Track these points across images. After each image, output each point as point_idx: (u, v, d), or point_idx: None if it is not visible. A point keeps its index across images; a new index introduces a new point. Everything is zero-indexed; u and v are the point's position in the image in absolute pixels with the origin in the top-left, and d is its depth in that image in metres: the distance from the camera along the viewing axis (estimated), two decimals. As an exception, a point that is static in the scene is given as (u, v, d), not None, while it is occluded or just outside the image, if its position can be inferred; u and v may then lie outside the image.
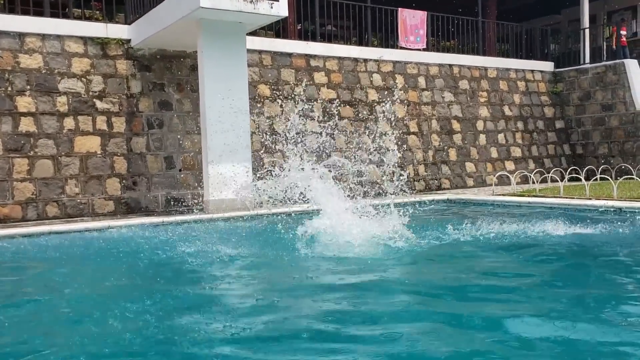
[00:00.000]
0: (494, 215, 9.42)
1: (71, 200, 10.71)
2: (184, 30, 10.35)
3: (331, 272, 5.69)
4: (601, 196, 10.94)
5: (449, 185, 15.30)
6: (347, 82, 14.29)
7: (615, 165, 15.81)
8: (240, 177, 10.40)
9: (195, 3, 9.22)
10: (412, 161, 14.84)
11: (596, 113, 17.38)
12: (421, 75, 15.55)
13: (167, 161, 11.69)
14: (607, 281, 5.08)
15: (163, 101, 11.77)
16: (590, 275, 5.43)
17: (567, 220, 8.05)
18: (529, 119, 17.38)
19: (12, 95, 10.44)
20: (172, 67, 11.91)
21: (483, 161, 16.11)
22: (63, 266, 6.33)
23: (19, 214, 10.27)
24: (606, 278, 5.21)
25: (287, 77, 13.41)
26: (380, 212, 7.54)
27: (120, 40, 11.45)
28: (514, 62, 17.63)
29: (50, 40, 10.88)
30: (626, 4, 21.14)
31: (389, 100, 14.49)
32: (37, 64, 10.71)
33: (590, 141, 17.53)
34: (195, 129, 11.81)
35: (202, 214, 10.07)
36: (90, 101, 11.08)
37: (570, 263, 6.02)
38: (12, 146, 10.34)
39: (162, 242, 7.49)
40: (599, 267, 5.68)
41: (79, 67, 11.07)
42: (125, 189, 11.22)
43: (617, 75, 16.95)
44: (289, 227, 7.89)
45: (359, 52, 14.64)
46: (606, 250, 6.43)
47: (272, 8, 9.70)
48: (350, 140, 13.95)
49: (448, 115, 15.75)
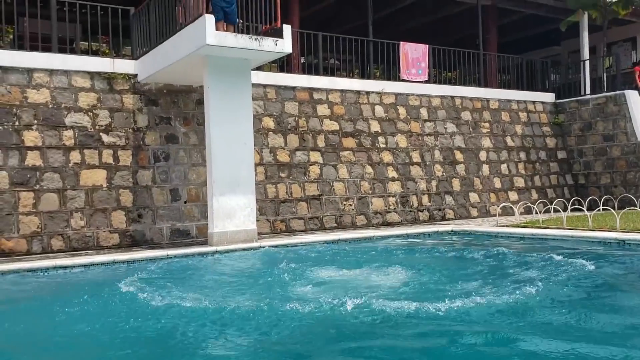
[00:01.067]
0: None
1: (76, 233, 10.77)
2: (191, 65, 10.53)
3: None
4: (604, 227, 10.97)
5: (453, 216, 15.32)
6: (350, 114, 14.44)
7: (617, 195, 15.83)
8: (244, 208, 10.47)
9: (201, 40, 9.39)
10: (415, 191, 14.90)
11: (598, 143, 17.48)
12: (423, 106, 15.71)
13: (172, 193, 11.77)
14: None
15: (169, 134, 11.90)
16: None
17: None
18: (531, 149, 17.48)
19: (20, 129, 10.58)
20: (178, 101, 12.08)
21: (486, 191, 16.17)
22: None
23: (24, 247, 10.32)
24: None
25: (291, 110, 13.57)
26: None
27: (127, 75, 11.63)
28: (516, 93, 17.81)
29: (58, 76, 11.06)
30: (625, 36, 21.41)
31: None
32: (44, 98, 10.88)
33: (593, 171, 17.60)
34: (201, 161, 11.92)
35: (205, 247, 10.10)
36: (96, 135, 11.22)
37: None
38: (18, 180, 10.44)
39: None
40: None
41: (86, 101, 11.23)
42: (131, 221, 11.28)
43: (617, 106, 17.09)
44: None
45: (361, 85, 14.83)
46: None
47: (276, 45, 9.88)
48: (352, 171, 14.04)
49: (451, 146, 15.86)
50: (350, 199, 13.90)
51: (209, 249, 9.83)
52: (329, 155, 13.84)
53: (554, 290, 6.25)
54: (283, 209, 12.98)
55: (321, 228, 13.29)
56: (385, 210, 14.35)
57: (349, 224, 13.72)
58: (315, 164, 13.59)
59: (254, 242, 10.41)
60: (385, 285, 6.84)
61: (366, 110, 14.72)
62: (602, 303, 6.06)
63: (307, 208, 13.28)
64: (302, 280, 7.16)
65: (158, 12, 11.08)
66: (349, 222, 13.75)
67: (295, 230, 12.94)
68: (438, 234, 12.19)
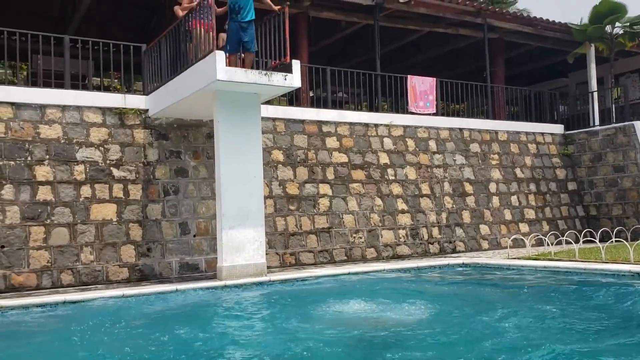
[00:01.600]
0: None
1: (86, 268, 10.76)
2: (201, 100, 10.64)
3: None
4: (617, 260, 10.82)
5: (464, 248, 15.20)
6: (359, 146, 14.49)
7: (630, 226, 15.67)
8: (253, 242, 10.44)
9: (212, 76, 9.52)
10: (425, 224, 14.83)
11: (608, 174, 17.39)
12: (432, 138, 15.74)
13: (181, 227, 11.78)
14: None
15: (179, 168, 11.97)
16: None
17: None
18: (541, 180, 17.41)
19: (31, 164, 10.68)
20: (188, 135, 12.18)
21: (497, 223, 16.06)
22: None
23: (34, 282, 10.31)
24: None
25: (300, 143, 13.63)
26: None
27: (138, 110, 11.77)
28: (524, 125, 17.84)
29: (70, 111, 11.21)
30: (633, 67, 21.48)
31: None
32: (56, 134, 11.01)
33: (604, 202, 17.47)
34: (210, 194, 11.95)
35: (214, 281, 10.04)
36: (107, 169, 11.30)
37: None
38: (29, 215, 10.49)
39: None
40: None
41: (97, 136, 11.35)
42: (140, 255, 11.27)
43: (627, 137, 17.05)
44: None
45: (370, 118, 14.91)
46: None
47: (285, 80, 9.99)
48: (362, 203, 14.02)
49: (460, 178, 15.83)
50: (360, 232, 13.84)
51: (217, 284, 9.77)
52: (338, 188, 13.84)
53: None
54: (292, 242, 12.94)
55: (331, 261, 13.21)
56: (395, 243, 14.26)
57: (359, 257, 13.64)
58: (324, 197, 13.58)
59: (264, 276, 10.34)
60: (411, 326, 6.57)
61: (375, 143, 14.77)
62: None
63: (317, 241, 13.23)
64: (316, 322, 6.96)
65: (169, 49, 11.26)
66: (359, 255, 13.66)
67: (304, 264, 12.87)
68: (449, 266, 12.07)
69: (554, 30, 18.91)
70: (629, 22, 18.48)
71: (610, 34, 18.66)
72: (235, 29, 9.92)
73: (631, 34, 18.57)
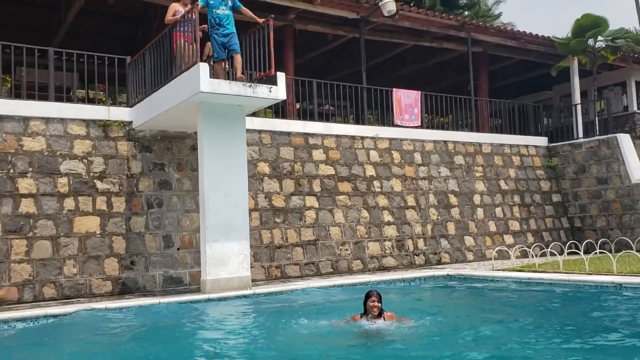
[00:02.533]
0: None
1: (69, 281, 10.65)
2: (185, 112, 10.63)
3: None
4: (601, 271, 10.89)
5: (449, 260, 15.23)
6: (345, 158, 14.52)
7: (614, 238, 15.80)
8: (238, 255, 10.39)
9: (195, 87, 9.52)
10: (411, 235, 14.85)
11: (592, 186, 17.55)
12: (417, 151, 15.82)
13: (165, 240, 11.71)
14: None
15: (163, 181, 11.92)
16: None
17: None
18: (525, 192, 17.53)
19: (14, 177, 10.59)
20: (172, 147, 12.15)
21: (482, 235, 16.12)
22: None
23: (15, 295, 10.18)
24: None
25: (286, 155, 13.64)
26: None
27: (121, 122, 11.73)
28: (508, 137, 17.98)
29: (54, 123, 11.15)
30: (615, 80, 21.78)
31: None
32: (39, 146, 10.93)
33: (588, 214, 17.61)
34: (194, 207, 11.90)
35: (198, 294, 9.97)
36: (90, 182, 11.23)
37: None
38: (11, 227, 10.39)
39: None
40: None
41: (81, 148, 11.29)
42: (123, 268, 11.18)
43: (610, 149, 17.24)
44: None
45: (356, 130, 14.97)
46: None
47: (270, 92, 10.00)
48: (348, 215, 14.03)
49: (445, 190, 15.91)
50: (346, 244, 13.84)
51: (201, 297, 9.71)
52: (325, 200, 13.85)
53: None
54: (278, 255, 12.90)
55: (317, 273, 13.17)
56: (381, 255, 14.27)
57: (345, 269, 13.62)
58: (311, 209, 13.58)
59: (248, 289, 10.29)
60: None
61: (361, 155, 14.82)
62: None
63: (303, 253, 13.21)
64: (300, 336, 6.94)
65: (153, 61, 11.26)
66: (345, 267, 13.65)
67: (290, 277, 12.82)
68: (434, 278, 12.09)
69: (537, 43, 19.16)
70: (611, 35, 18.76)
71: (593, 48, 18.92)
72: (217, 40, 9.98)
73: (613, 47, 18.84)
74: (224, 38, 10.00)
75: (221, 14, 10.00)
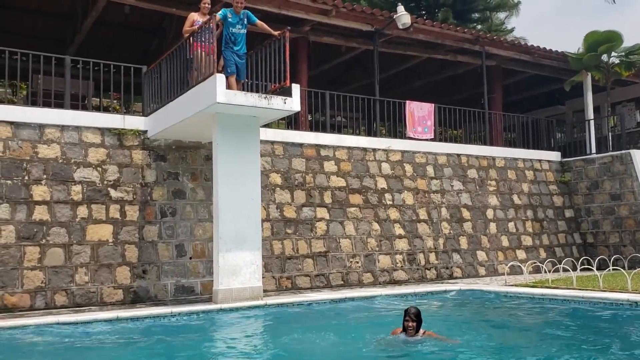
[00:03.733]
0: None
1: (80, 289, 10.66)
2: (200, 122, 10.66)
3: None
4: (615, 288, 10.78)
5: (461, 274, 15.12)
6: (357, 170, 14.50)
7: (627, 255, 15.64)
8: (250, 265, 10.36)
9: (211, 98, 9.55)
10: (422, 249, 14.77)
11: (605, 202, 17.41)
12: (429, 164, 15.77)
13: (177, 249, 11.71)
14: None
15: (177, 190, 11.94)
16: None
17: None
18: (538, 207, 17.41)
19: (29, 184, 10.65)
20: (187, 157, 12.18)
21: (494, 250, 16.01)
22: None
23: (27, 302, 10.20)
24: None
25: (298, 166, 13.64)
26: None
27: (137, 131, 11.78)
28: (521, 152, 17.90)
29: (69, 131, 11.22)
30: (629, 96, 21.67)
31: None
32: (54, 153, 10.99)
33: (601, 230, 17.46)
34: (208, 216, 11.90)
35: (210, 304, 9.94)
36: (104, 190, 11.26)
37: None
38: (24, 234, 10.42)
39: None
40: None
41: (95, 156, 11.34)
42: (135, 277, 11.18)
43: (624, 165, 17.11)
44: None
45: (368, 142, 14.95)
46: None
47: (285, 103, 10.02)
48: (359, 227, 13.98)
49: (457, 204, 15.83)
50: (357, 256, 13.78)
51: (213, 307, 9.68)
52: (336, 212, 13.81)
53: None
54: (289, 266, 12.86)
55: (327, 285, 13.12)
56: (392, 268, 14.19)
57: (356, 282, 13.55)
58: (321, 220, 13.55)
59: (259, 299, 10.25)
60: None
61: (373, 167, 14.79)
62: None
63: (314, 265, 13.16)
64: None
65: (169, 71, 11.31)
66: (355, 280, 13.58)
67: (301, 288, 12.78)
68: (446, 292, 11.99)
69: (550, 58, 19.11)
70: (625, 51, 18.67)
71: (606, 63, 18.84)
72: (231, 57, 10.11)
73: (627, 63, 18.74)
74: (239, 59, 10.15)
75: (237, 33, 10.20)
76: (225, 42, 10.18)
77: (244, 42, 10.31)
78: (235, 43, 10.16)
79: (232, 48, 10.15)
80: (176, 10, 13.62)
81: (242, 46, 10.28)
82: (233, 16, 10.15)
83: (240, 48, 10.23)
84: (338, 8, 14.53)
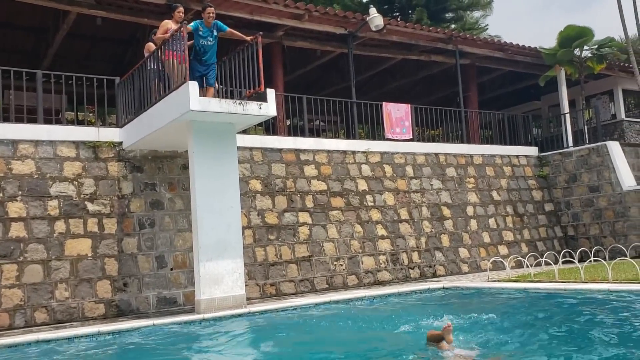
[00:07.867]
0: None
1: (60, 305, 10.50)
2: (175, 131, 10.58)
3: None
4: (596, 279, 10.88)
5: (444, 272, 15.18)
6: (337, 173, 14.50)
7: (607, 245, 15.81)
8: (232, 273, 10.29)
9: (185, 106, 9.49)
10: (405, 249, 14.80)
11: (584, 194, 17.61)
12: (409, 164, 15.83)
13: (158, 260, 11.59)
14: None
15: (154, 201, 11.84)
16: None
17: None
18: (517, 202, 17.55)
19: (3, 201, 10.48)
20: (163, 167, 12.08)
21: (476, 246, 16.10)
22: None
23: (6, 322, 10.02)
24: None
25: (278, 172, 13.61)
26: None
27: (111, 143, 11.67)
28: (499, 148, 18.04)
29: (43, 146, 11.07)
30: (603, 89, 21.98)
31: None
32: (29, 169, 10.84)
33: (581, 222, 17.64)
34: (187, 226, 11.81)
35: (192, 315, 9.85)
36: (81, 204, 11.13)
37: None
38: (1, 252, 10.25)
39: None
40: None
41: (71, 170, 11.20)
42: (116, 290, 11.04)
43: (600, 157, 17.33)
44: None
45: (347, 145, 14.97)
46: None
47: (260, 109, 9.99)
48: (342, 230, 13.97)
49: (438, 202, 15.90)
50: (340, 259, 13.76)
51: (195, 317, 9.58)
52: (318, 216, 13.80)
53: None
54: (273, 272, 12.80)
55: (312, 290, 13.08)
56: (376, 269, 14.20)
57: (340, 285, 13.53)
58: (304, 225, 13.52)
59: (243, 307, 10.18)
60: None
61: (353, 170, 14.80)
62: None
63: (298, 270, 13.12)
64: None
65: (142, 81, 11.23)
66: (340, 283, 13.56)
67: (285, 294, 12.72)
68: (429, 291, 12.01)
69: (524, 54, 19.32)
70: (597, 44, 18.95)
71: (579, 58, 19.09)
72: (197, 68, 10.16)
73: (599, 56, 19.02)
74: (204, 68, 10.26)
75: (207, 45, 10.28)
76: (194, 53, 10.22)
77: (214, 53, 10.40)
78: (204, 53, 10.27)
79: (200, 58, 10.25)
80: (148, 20, 13.53)
81: (212, 57, 10.38)
82: (204, 29, 10.21)
83: (209, 59, 10.32)
84: (311, 12, 14.55)
